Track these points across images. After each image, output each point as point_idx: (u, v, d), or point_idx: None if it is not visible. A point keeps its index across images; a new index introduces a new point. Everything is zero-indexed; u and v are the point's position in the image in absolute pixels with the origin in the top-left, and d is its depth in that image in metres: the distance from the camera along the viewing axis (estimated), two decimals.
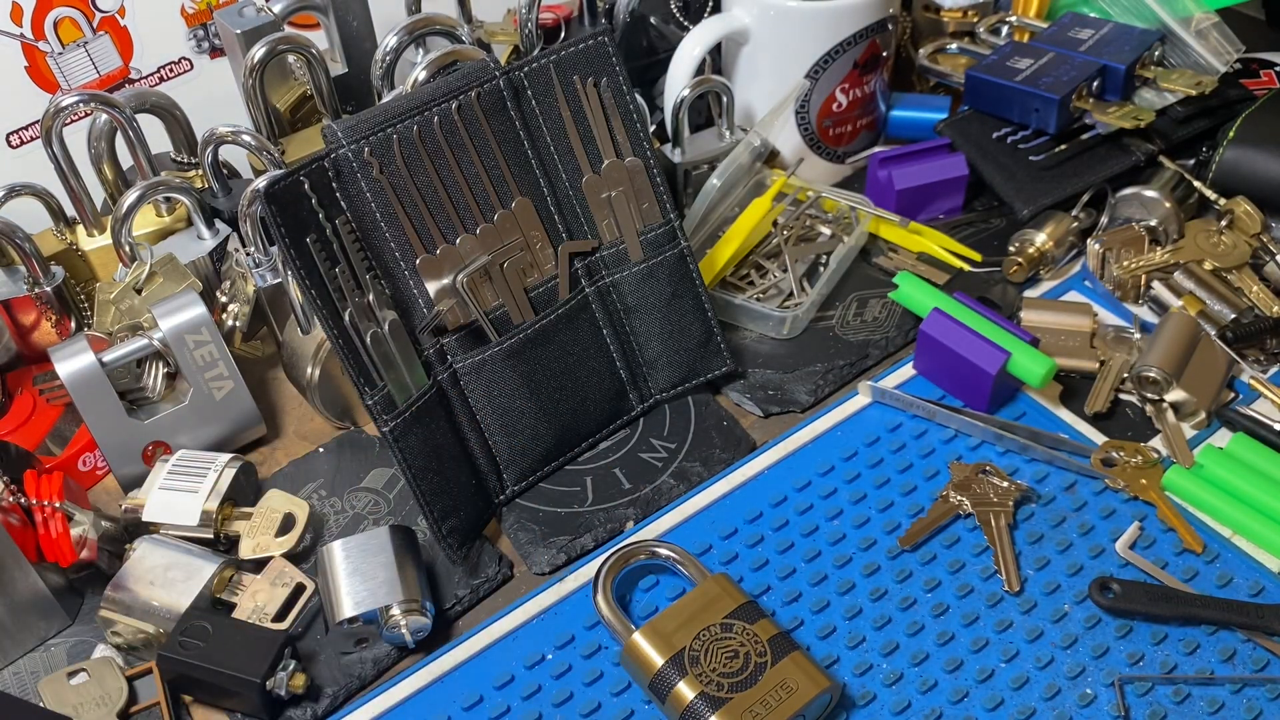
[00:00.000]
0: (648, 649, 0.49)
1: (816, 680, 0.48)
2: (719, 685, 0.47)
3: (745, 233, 0.70)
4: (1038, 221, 0.70)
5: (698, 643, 0.49)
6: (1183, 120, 0.74)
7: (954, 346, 0.61)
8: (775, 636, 0.49)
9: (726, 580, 0.51)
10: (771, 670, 0.48)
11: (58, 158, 0.65)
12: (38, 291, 0.64)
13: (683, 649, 0.48)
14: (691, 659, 0.48)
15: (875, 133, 0.81)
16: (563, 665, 0.52)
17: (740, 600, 0.50)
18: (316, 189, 0.53)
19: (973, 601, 0.53)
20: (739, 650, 0.48)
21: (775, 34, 0.74)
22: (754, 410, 0.65)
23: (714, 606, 0.50)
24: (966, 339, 0.61)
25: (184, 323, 0.59)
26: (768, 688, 0.47)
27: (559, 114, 0.59)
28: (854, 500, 0.58)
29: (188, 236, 0.69)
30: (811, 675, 0.48)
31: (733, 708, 0.46)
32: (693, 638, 0.49)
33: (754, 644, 0.48)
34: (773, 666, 0.48)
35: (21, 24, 0.74)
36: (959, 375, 0.62)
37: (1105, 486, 0.57)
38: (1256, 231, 0.69)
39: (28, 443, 0.62)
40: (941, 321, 0.62)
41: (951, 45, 0.83)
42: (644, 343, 0.63)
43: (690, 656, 0.48)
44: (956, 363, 0.61)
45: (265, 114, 0.71)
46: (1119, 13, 0.78)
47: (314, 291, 0.53)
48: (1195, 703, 0.48)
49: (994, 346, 0.60)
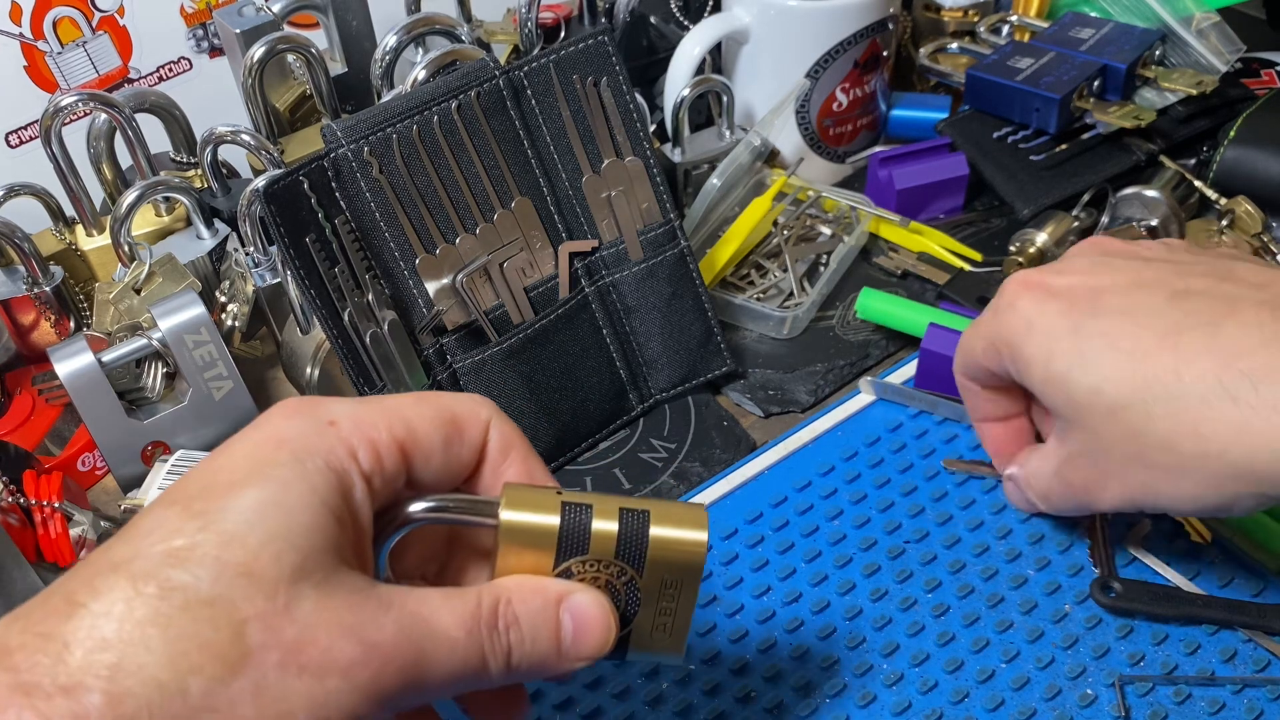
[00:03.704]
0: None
1: (692, 543, 0.37)
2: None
3: (745, 233, 0.70)
4: (1038, 221, 0.70)
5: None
6: (1183, 120, 0.74)
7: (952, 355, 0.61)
8: (618, 543, 0.36)
9: (515, 509, 0.36)
10: (645, 578, 0.37)
11: (57, 157, 0.65)
12: (37, 291, 0.64)
13: None
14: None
15: (875, 132, 0.81)
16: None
17: (552, 536, 0.36)
18: (316, 189, 0.53)
19: (973, 602, 0.53)
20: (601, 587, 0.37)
21: (775, 33, 0.74)
22: (754, 410, 0.65)
23: (536, 546, 0.36)
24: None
25: (183, 323, 0.59)
26: (653, 597, 0.37)
27: (559, 114, 0.59)
28: (854, 500, 0.58)
29: (187, 236, 0.69)
30: (682, 541, 0.37)
31: (640, 636, 0.38)
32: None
33: (607, 570, 0.37)
34: (643, 575, 0.37)
35: (20, 23, 0.74)
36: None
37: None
38: (1257, 231, 0.69)
39: (27, 443, 0.61)
40: (940, 336, 0.61)
41: (952, 45, 0.83)
42: (644, 342, 0.63)
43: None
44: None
45: (264, 113, 0.71)
46: (1119, 12, 0.78)
47: (313, 291, 0.53)
48: (1196, 703, 0.48)
49: None
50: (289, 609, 0.29)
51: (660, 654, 0.39)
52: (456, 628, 0.33)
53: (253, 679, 0.28)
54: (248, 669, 0.28)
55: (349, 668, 0.30)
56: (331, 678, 0.29)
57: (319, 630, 0.30)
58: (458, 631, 0.32)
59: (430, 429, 0.35)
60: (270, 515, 0.30)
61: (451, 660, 0.32)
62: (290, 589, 0.30)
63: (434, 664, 0.32)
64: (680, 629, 0.38)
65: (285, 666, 0.29)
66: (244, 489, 0.31)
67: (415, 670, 0.31)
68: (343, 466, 0.33)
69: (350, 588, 0.31)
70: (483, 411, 0.37)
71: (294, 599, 0.30)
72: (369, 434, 0.34)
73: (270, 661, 0.29)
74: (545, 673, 0.35)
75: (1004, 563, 0.54)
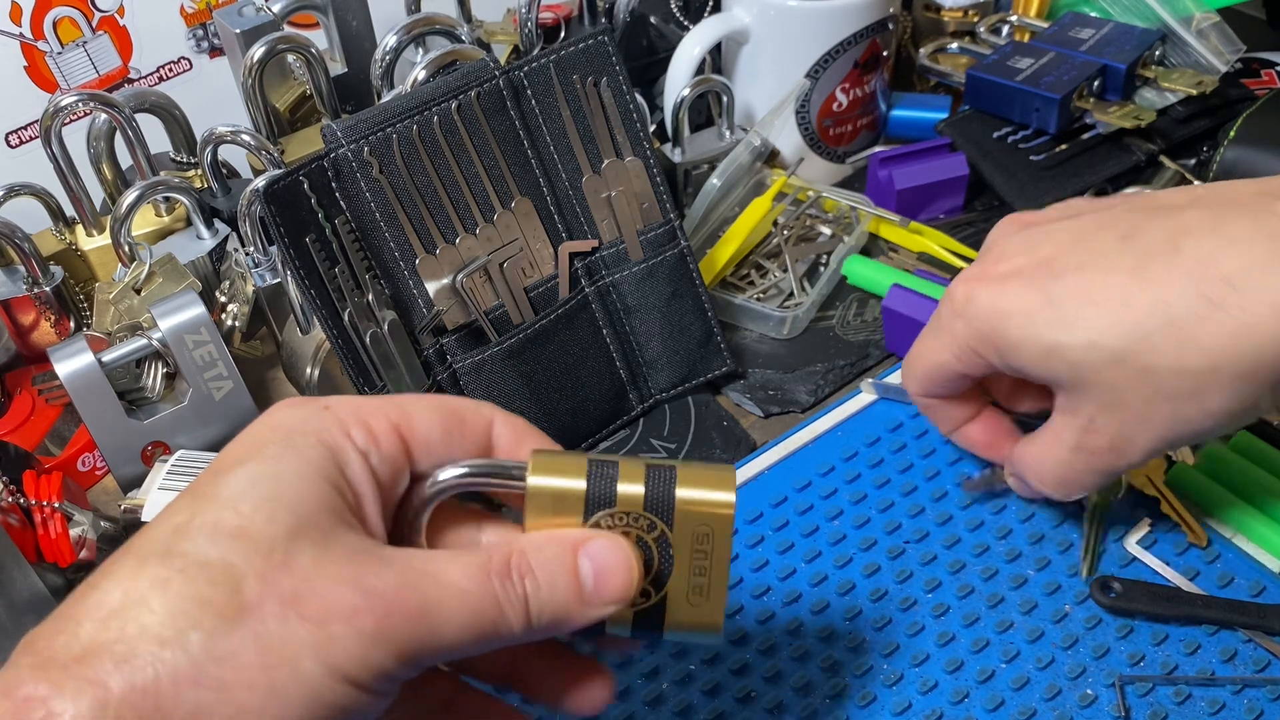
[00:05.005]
0: None
1: (721, 500, 0.37)
2: (644, 594, 0.37)
3: (745, 233, 0.70)
4: None
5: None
6: (1183, 120, 0.74)
7: (913, 314, 0.62)
8: (646, 495, 0.36)
9: (541, 467, 0.36)
10: (675, 534, 0.37)
11: (57, 157, 0.65)
12: (37, 291, 0.64)
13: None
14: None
15: (875, 132, 0.81)
16: None
17: (579, 497, 0.36)
18: (316, 189, 0.53)
19: (973, 602, 0.53)
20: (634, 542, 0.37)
21: (775, 33, 0.74)
22: (754, 410, 0.65)
23: (564, 510, 0.36)
24: (924, 305, 0.62)
25: (183, 323, 0.59)
26: (685, 556, 0.37)
27: (559, 114, 0.59)
28: (855, 501, 0.58)
29: (187, 236, 0.69)
30: (711, 500, 0.37)
31: (676, 606, 0.37)
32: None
33: (636, 524, 0.36)
34: (673, 531, 0.37)
35: (21, 23, 0.74)
36: None
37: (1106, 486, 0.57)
38: None
39: (27, 443, 0.61)
40: (902, 295, 0.63)
41: (952, 45, 0.83)
42: (644, 343, 0.63)
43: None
44: (918, 330, 0.62)
45: (264, 113, 0.71)
46: (1119, 12, 0.78)
47: (313, 291, 0.53)
48: (1196, 703, 0.48)
49: None
50: (286, 564, 0.30)
51: (697, 629, 0.38)
52: (465, 579, 0.33)
53: (253, 629, 0.29)
54: (247, 620, 0.29)
55: (351, 614, 0.30)
56: (334, 624, 0.30)
57: (317, 581, 0.30)
58: (467, 583, 0.32)
59: (428, 418, 0.36)
60: (262, 484, 0.32)
61: (463, 610, 0.32)
62: (287, 545, 0.30)
63: (443, 613, 0.32)
64: (717, 595, 0.37)
65: (285, 616, 0.29)
66: (238, 467, 0.32)
67: (423, 619, 0.31)
68: (336, 442, 0.34)
69: (351, 545, 0.32)
70: (485, 409, 0.38)
71: (291, 554, 0.30)
72: (364, 417, 0.35)
73: (269, 612, 0.29)
74: (571, 621, 0.35)
75: (1004, 563, 0.54)
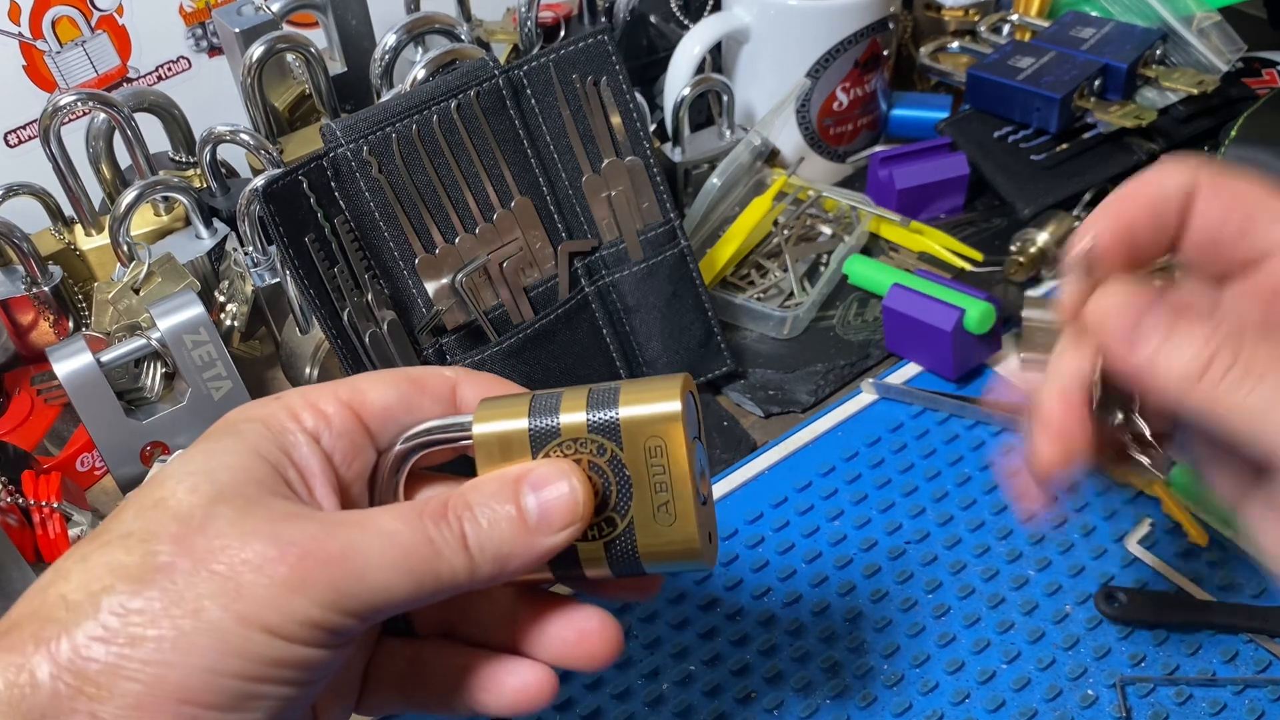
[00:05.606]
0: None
1: (665, 410, 0.35)
2: (600, 528, 0.35)
3: (745, 232, 0.70)
4: (1039, 221, 0.70)
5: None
6: (1184, 119, 0.74)
7: (913, 314, 0.62)
8: (587, 417, 0.35)
9: (489, 409, 0.36)
10: (626, 454, 0.35)
11: (56, 157, 0.65)
12: (35, 291, 0.64)
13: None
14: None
15: (876, 132, 0.81)
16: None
17: (524, 437, 0.35)
18: (315, 188, 0.53)
19: (974, 603, 0.53)
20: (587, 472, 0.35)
21: (776, 33, 0.74)
22: (754, 410, 0.65)
23: (511, 452, 0.36)
24: (924, 304, 0.62)
25: (182, 323, 0.59)
26: (642, 476, 0.35)
27: (559, 113, 0.59)
28: (855, 501, 0.57)
29: (186, 236, 0.68)
30: (655, 412, 0.35)
31: (646, 531, 0.35)
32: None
33: (584, 449, 0.35)
34: (623, 450, 0.35)
35: (19, 23, 0.73)
36: (923, 342, 0.63)
37: (1108, 486, 0.57)
38: None
39: (26, 443, 0.61)
40: (902, 295, 0.64)
41: (953, 44, 0.83)
42: (644, 342, 0.63)
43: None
44: (918, 329, 0.63)
45: (264, 113, 0.71)
46: (1120, 11, 0.78)
47: (312, 291, 0.53)
48: (1197, 704, 0.48)
49: (949, 307, 0.62)
50: (204, 528, 0.31)
51: (676, 555, 0.36)
52: (392, 521, 0.32)
53: (161, 587, 0.30)
54: (156, 580, 0.30)
55: (262, 564, 0.30)
56: (245, 574, 0.30)
57: (231, 538, 0.30)
58: (394, 524, 0.32)
59: (383, 390, 0.37)
60: (191, 460, 0.33)
61: (390, 550, 0.32)
62: (207, 510, 0.31)
63: (368, 555, 0.31)
64: (684, 512, 0.35)
65: (195, 572, 0.30)
66: (181, 455, 0.33)
67: (344, 562, 0.31)
68: (280, 424, 0.34)
69: (277, 510, 0.32)
70: (447, 372, 0.38)
71: (210, 519, 0.31)
72: (312, 400, 0.35)
73: (180, 569, 0.30)
74: (520, 554, 0.34)
75: (1005, 564, 0.54)
